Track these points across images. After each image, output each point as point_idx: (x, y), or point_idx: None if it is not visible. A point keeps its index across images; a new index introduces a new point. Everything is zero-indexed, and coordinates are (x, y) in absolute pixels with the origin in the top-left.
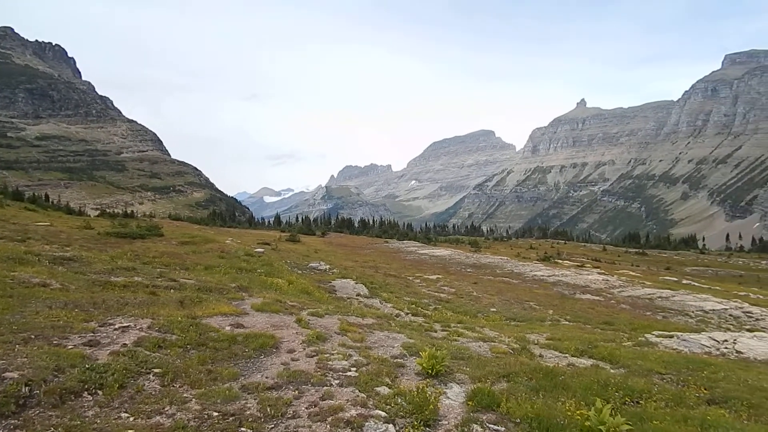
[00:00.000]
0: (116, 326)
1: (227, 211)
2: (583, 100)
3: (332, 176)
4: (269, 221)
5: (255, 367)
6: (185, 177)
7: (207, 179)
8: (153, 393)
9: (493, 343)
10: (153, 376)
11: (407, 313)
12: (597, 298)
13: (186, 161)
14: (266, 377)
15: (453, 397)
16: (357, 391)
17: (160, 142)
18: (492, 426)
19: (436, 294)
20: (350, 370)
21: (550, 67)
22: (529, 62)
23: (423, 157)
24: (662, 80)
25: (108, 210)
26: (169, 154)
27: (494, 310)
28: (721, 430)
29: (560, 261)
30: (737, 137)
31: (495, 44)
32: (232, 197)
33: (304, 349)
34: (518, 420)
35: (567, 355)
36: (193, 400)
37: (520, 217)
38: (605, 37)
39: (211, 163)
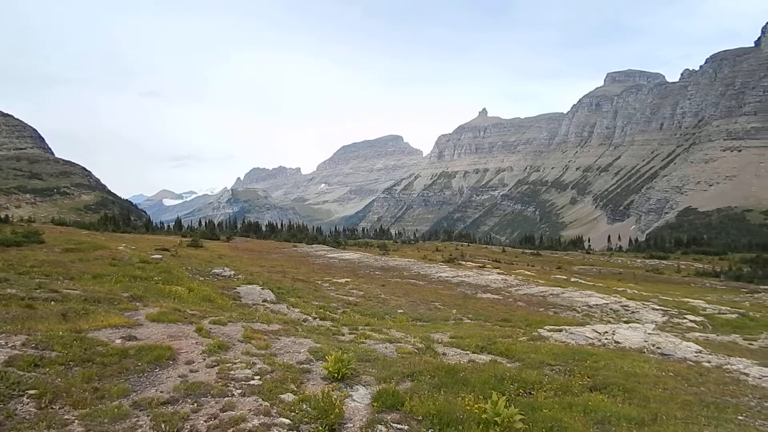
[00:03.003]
0: None
1: (121, 215)
2: (484, 109)
3: (239, 178)
4: (169, 226)
5: (149, 381)
6: (72, 178)
7: (98, 180)
8: (27, 417)
9: (399, 344)
10: (27, 398)
11: (315, 318)
12: (496, 296)
13: (74, 161)
14: (161, 391)
15: (359, 400)
16: (260, 399)
17: (42, 139)
18: (396, 425)
19: (345, 297)
20: (254, 379)
21: (454, 76)
22: (436, 70)
23: (333, 161)
24: (554, 93)
25: None
26: (52, 153)
27: (401, 311)
28: (600, 413)
29: (464, 262)
30: (617, 148)
31: (404, 51)
32: (127, 200)
33: (204, 359)
34: (420, 417)
35: (468, 352)
36: (76, 421)
37: (427, 220)
38: (505, 50)
39: (104, 164)
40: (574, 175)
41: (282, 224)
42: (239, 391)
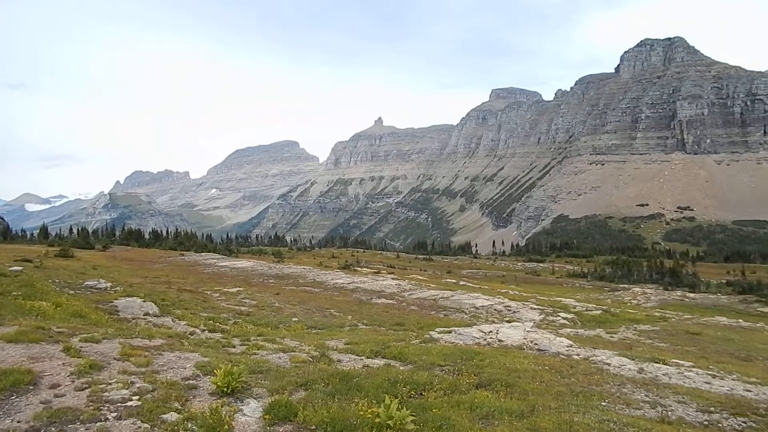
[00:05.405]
0: None
1: None
2: (380, 118)
3: (118, 182)
4: (33, 234)
5: (3, 411)
6: None
7: None
8: None
9: (293, 353)
10: None
11: (203, 330)
12: (391, 301)
13: None
14: (18, 421)
15: (249, 414)
16: (139, 421)
17: None
18: None
19: (237, 307)
20: (132, 399)
21: (350, 82)
22: (332, 76)
23: (225, 165)
24: (445, 105)
25: None
26: None
27: (296, 319)
28: (485, 409)
29: (359, 269)
30: (501, 159)
31: (299, 55)
32: None
33: (73, 381)
34: (314, 427)
35: (363, 357)
36: None
37: (323, 227)
38: (399, 60)
39: None
40: (463, 184)
41: (168, 231)
42: (114, 414)
